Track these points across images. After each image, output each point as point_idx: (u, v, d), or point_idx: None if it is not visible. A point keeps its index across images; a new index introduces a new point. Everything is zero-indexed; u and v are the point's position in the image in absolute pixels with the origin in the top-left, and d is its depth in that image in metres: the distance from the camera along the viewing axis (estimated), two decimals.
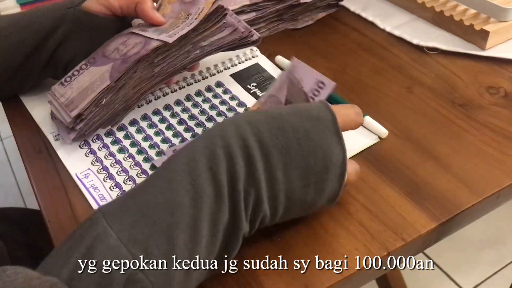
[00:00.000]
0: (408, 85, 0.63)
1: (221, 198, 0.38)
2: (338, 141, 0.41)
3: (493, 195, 0.49)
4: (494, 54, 0.66)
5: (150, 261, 0.35)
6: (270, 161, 0.39)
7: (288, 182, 0.40)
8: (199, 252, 0.37)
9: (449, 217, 0.47)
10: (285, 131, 0.40)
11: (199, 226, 0.37)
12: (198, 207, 0.37)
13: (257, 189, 0.39)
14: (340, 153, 0.41)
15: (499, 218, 1.46)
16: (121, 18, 0.62)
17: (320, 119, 0.42)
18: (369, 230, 0.46)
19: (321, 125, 0.41)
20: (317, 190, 0.42)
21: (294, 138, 0.40)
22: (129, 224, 0.36)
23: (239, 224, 0.39)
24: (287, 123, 0.41)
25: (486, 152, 0.53)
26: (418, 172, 0.51)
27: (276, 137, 0.40)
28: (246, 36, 0.59)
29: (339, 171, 0.42)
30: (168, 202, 0.37)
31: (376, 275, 0.47)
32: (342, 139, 0.42)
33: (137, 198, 0.39)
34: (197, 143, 0.40)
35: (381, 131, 0.55)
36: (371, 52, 0.69)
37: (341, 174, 0.42)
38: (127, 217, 0.37)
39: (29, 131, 0.61)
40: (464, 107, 0.58)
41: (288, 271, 0.43)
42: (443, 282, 1.35)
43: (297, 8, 0.74)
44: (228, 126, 0.40)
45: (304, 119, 0.41)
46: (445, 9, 0.70)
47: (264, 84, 0.64)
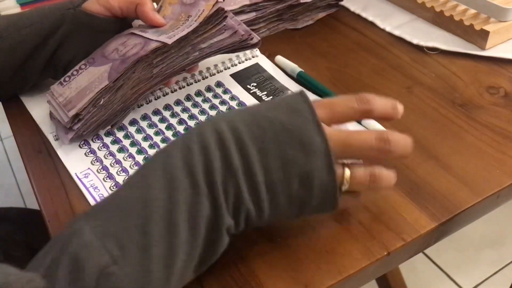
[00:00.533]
0: (408, 85, 0.63)
1: (198, 191, 0.37)
2: (317, 130, 0.40)
3: (493, 195, 0.49)
4: (494, 54, 0.66)
5: (124, 255, 0.35)
6: (246, 153, 0.39)
7: (266, 174, 0.39)
8: (179, 246, 0.37)
9: (449, 217, 0.47)
10: (260, 124, 0.40)
11: (175, 218, 0.36)
12: (173, 200, 0.37)
13: (235, 181, 0.38)
14: (322, 143, 0.40)
15: (499, 218, 1.46)
16: (121, 19, 0.62)
17: (295, 110, 0.41)
18: (369, 230, 0.46)
19: (297, 116, 0.40)
20: (303, 183, 0.40)
21: (270, 130, 0.40)
22: (105, 219, 0.37)
23: (220, 217, 0.38)
24: (262, 116, 0.41)
25: (486, 152, 0.53)
26: (418, 172, 0.51)
27: (251, 130, 0.39)
28: (246, 39, 0.59)
29: (324, 162, 0.40)
30: (142, 196, 0.37)
31: (376, 275, 0.47)
32: (321, 127, 0.40)
33: (115, 195, 0.39)
34: (175, 141, 0.40)
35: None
36: (371, 52, 0.69)
37: (329, 165, 0.40)
38: (104, 213, 0.37)
39: (29, 131, 0.61)
40: (464, 107, 0.58)
41: (288, 271, 0.43)
42: (443, 282, 1.35)
43: (297, 8, 0.74)
44: (205, 123, 0.40)
45: (280, 111, 0.41)
46: (445, 9, 0.70)
47: (264, 84, 0.64)
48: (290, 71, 0.66)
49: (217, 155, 0.38)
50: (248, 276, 0.43)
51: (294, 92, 0.43)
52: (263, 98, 0.62)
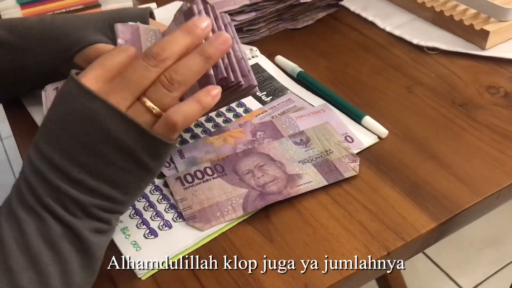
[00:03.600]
0: (408, 85, 0.63)
1: (40, 218, 0.38)
2: (91, 97, 0.38)
3: (493, 195, 0.49)
4: (494, 54, 0.66)
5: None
6: (55, 166, 0.39)
7: (85, 169, 0.39)
8: (48, 267, 0.38)
9: (449, 217, 0.47)
10: (50, 130, 0.40)
11: (32, 247, 0.38)
12: (23, 235, 0.38)
13: (66, 194, 0.39)
14: (101, 104, 0.38)
15: (499, 218, 1.46)
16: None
17: (67, 94, 0.40)
18: (369, 230, 0.46)
19: (70, 98, 0.40)
20: (121, 152, 0.39)
21: (58, 130, 0.40)
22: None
23: (76, 227, 0.39)
24: (48, 121, 0.40)
25: (486, 152, 0.53)
26: (418, 172, 0.51)
27: (48, 142, 0.40)
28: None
29: (117, 119, 0.38)
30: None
31: (376, 275, 0.47)
32: (91, 93, 0.38)
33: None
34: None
35: (381, 131, 0.55)
36: (371, 52, 0.69)
37: (123, 120, 0.38)
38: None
39: (29, 131, 0.61)
40: (464, 107, 0.58)
41: (288, 271, 0.43)
42: (443, 282, 1.35)
43: (297, 8, 0.74)
44: (26, 157, 0.41)
45: (58, 105, 0.40)
46: (445, 9, 0.70)
47: (264, 84, 0.64)
48: (290, 71, 0.66)
49: (36, 181, 0.39)
50: (248, 276, 0.43)
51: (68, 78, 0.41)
52: (263, 98, 0.62)
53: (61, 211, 0.39)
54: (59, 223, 0.39)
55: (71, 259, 0.39)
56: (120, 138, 0.39)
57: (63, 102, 0.40)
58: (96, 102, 0.39)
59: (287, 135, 0.56)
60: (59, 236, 0.38)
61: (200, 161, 0.53)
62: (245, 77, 0.48)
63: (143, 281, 0.44)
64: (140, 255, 0.46)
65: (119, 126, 0.39)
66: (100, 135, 0.39)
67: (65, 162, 0.39)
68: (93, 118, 0.39)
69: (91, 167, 0.39)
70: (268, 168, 0.52)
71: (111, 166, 0.39)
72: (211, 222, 0.47)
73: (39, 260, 0.37)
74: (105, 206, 0.40)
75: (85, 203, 0.39)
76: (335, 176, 0.51)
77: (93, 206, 0.39)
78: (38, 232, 0.38)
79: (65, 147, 0.39)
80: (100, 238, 0.41)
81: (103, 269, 0.45)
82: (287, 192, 0.49)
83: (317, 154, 0.53)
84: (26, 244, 0.38)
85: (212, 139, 0.56)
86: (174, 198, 0.50)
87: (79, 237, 0.39)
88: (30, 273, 0.37)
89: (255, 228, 0.47)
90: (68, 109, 0.39)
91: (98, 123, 0.39)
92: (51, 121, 0.40)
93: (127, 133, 0.39)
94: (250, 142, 0.55)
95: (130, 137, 0.39)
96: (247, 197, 0.49)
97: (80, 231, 0.39)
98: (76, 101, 0.39)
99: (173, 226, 0.48)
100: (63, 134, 0.39)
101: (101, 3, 0.81)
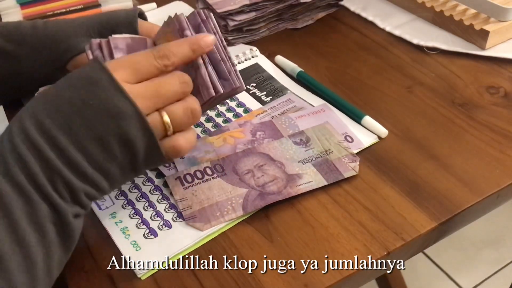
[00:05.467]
0: (408, 85, 0.63)
1: (28, 198, 0.38)
2: (121, 95, 0.40)
3: (493, 195, 0.49)
4: (494, 54, 0.66)
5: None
6: (58, 146, 0.38)
7: (87, 157, 0.39)
8: (34, 248, 0.37)
9: (449, 217, 0.47)
10: (62, 109, 0.39)
11: (18, 229, 0.37)
12: (7, 214, 0.37)
13: (61, 175, 0.38)
14: (129, 105, 0.40)
15: (499, 218, 1.46)
16: None
17: (94, 81, 0.40)
18: (369, 230, 0.46)
19: (96, 87, 0.40)
20: (126, 150, 0.41)
21: (72, 113, 0.39)
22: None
23: (62, 211, 0.39)
24: (62, 99, 0.40)
25: (486, 152, 0.53)
26: (418, 172, 0.51)
27: (55, 119, 0.39)
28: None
29: (138, 124, 0.40)
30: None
31: (376, 275, 0.47)
32: (124, 91, 0.40)
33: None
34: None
35: (381, 131, 0.55)
36: (371, 52, 0.69)
37: (143, 126, 0.40)
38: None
39: None
40: (464, 107, 0.58)
41: (288, 271, 0.43)
42: (443, 282, 1.35)
43: (297, 7, 0.74)
44: (13, 125, 0.40)
45: (78, 88, 0.40)
46: (445, 9, 0.70)
47: (263, 84, 0.64)
48: (290, 71, 0.66)
49: (32, 160, 0.38)
50: (248, 276, 0.43)
51: (91, 62, 0.42)
52: (263, 98, 0.62)
53: (51, 191, 0.38)
54: (46, 204, 0.38)
55: (54, 240, 0.39)
56: (134, 142, 0.41)
57: (87, 87, 0.40)
58: (125, 102, 0.40)
59: (287, 135, 0.56)
60: (44, 217, 0.38)
61: (200, 161, 0.53)
62: (226, 81, 0.48)
63: (142, 281, 0.44)
64: (140, 255, 0.46)
65: (138, 132, 0.40)
66: (117, 131, 0.40)
67: (70, 145, 0.39)
68: (117, 115, 0.39)
69: (95, 156, 0.40)
70: (268, 168, 0.52)
71: (112, 161, 0.41)
72: (211, 222, 0.47)
73: (27, 244, 0.37)
74: (92, 193, 0.41)
75: (76, 187, 0.39)
76: (335, 176, 0.51)
77: (82, 192, 0.40)
78: (24, 211, 0.37)
79: (74, 131, 0.39)
80: (78, 221, 0.41)
81: (103, 269, 0.45)
82: (287, 192, 0.49)
83: (317, 154, 0.53)
84: (12, 225, 0.37)
85: (212, 139, 0.56)
86: (174, 198, 0.50)
87: (64, 221, 0.39)
88: (18, 257, 0.37)
89: (255, 228, 0.47)
90: (91, 96, 0.40)
91: (120, 121, 0.40)
92: (64, 100, 0.40)
93: (142, 140, 0.41)
94: (250, 142, 0.55)
95: (142, 144, 0.41)
96: (247, 197, 0.49)
97: (66, 215, 0.39)
98: (104, 92, 0.40)
99: (173, 226, 0.48)
100: (76, 117, 0.39)
101: (101, 3, 0.81)
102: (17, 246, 0.37)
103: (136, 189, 0.52)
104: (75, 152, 0.39)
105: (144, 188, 0.52)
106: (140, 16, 0.61)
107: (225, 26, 0.70)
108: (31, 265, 0.37)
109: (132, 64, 0.42)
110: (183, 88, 0.44)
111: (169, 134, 0.44)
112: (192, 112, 0.44)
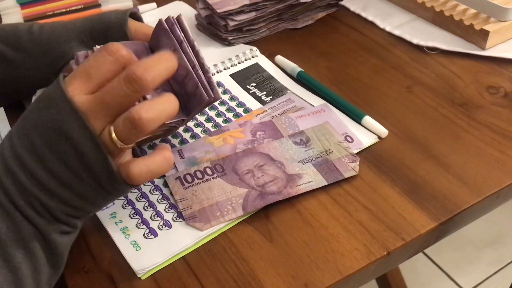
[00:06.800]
0: (408, 84, 0.63)
1: (11, 216, 0.38)
2: (74, 117, 0.38)
3: (493, 195, 0.49)
4: (494, 54, 0.66)
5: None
6: (27, 168, 0.39)
7: (56, 178, 0.39)
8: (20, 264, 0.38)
9: (449, 217, 0.47)
10: (28, 132, 0.39)
11: (5, 245, 0.38)
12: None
13: (35, 197, 0.39)
14: (80, 128, 0.38)
15: (499, 218, 1.46)
16: None
17: (53, 101, 0.39)
18: (369, 230, 0.46)
19: (54, 108, 0.39)
20: (89, 171, 0.39)
21: (37, 136, 0.39)
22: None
23: (44, 230, 0.39)
24: (29, 122, 0.40)
25: (486, 152, 0.53)
26: (418, 172, 0.51)
27: (23, 141, 0.39)
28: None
29: (90, 144, 0.38)
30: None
31: (376, 275, 0.47)
32: (76, 113, 0.38)
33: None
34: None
35: (381, 131, 0.55)
36: (371, 52, 0.69)
37: (95, 145, 0.38)
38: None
39: None
40: (464, 107, 0.58)
41: (288, 271, 0.43)
42: (443, 282, 1.35)
43: (297, 7, 0.74)
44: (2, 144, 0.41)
45: (43, 109, 0.40)
46: (445, 9, 0.70)
47: (263, 84, 0.64)
48: (290, 71, 0.66)
49: (8, 181, 0.39)
50: (248, 276, 0.43)
51: (55, 81, 0.40)
52: (263, 98, 0.62)
53: (31, 213, 0.39)
54: (28, 222, 0.39)
55: (41, 256, 0.40)
56: (92, 165, 0.39)
57: (46, 109, 0.39)
58: (74, 123, 0.38)
59: (287, 135, 0.56)
60: (29, 235, 0.39)
61: (200, 161, 0.53)
62: (194, 97, 0.48)
63: (142, 281, 0.44)
64: (139, 254, 0.46)
65: (92, 154, 0.39)
66: (74, 152, 0.39)
67: (37, 167, 0.39)
68: (70, 138, 0.38)
69: (62, 177, 0.39)
70: (268, 168, 0.52)
71: (80, 180, 0.39)
72: (211, 222, 0.47)
73: (12, 258, 0.38)
74: (72, 212, 0.41)
75: (54, 208, 0.39)
76: (335, 176, 0.51)
77: (61, 212, 0.40)
78: (11, 229, 0.38)
79: (41, 155, 0.39)
80: (66, 238, 0.41)
81: (103, 269, 0.45)
82: (287, 192, 0.49)
83: (317, 154, 0.53)
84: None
85: (212, 139, 0.56)
86: (174, 198, 0.50)
87: (48, 238, 0.40)
88: (4, 270, 0.37)
89: (255, 228, 0.47)
90: (48, 118, 0.39)
91: (75, 145, 0.38)
92: (30, 121, 0.40)
93: (98, 163, 0.39)
94: (250, 142, 0.55)
95: (99, 166, 0.39)
96: (247, 197, 0.49)
97: (49, 233, 0.40)
98: (59, 114, 0.39)
99: (173, 226, 0.48)
100: (38, 138, 0.39)
101: (101, 3, 0.81)
102: (3, 261, 0.38)
103: (136, 189, 0.52)
104: (43, 174, 0.39)
105: (144, 188, 0.52)
106: (134, 16, 0.59)
107: (225, 26, 0.70)
108: (18, 280, 0.38)
109: (86, 71, 0.40)
110: (130, 88, 0.38)
111: (120, 147, 0.39)
112: (131, 122, 0.38)
